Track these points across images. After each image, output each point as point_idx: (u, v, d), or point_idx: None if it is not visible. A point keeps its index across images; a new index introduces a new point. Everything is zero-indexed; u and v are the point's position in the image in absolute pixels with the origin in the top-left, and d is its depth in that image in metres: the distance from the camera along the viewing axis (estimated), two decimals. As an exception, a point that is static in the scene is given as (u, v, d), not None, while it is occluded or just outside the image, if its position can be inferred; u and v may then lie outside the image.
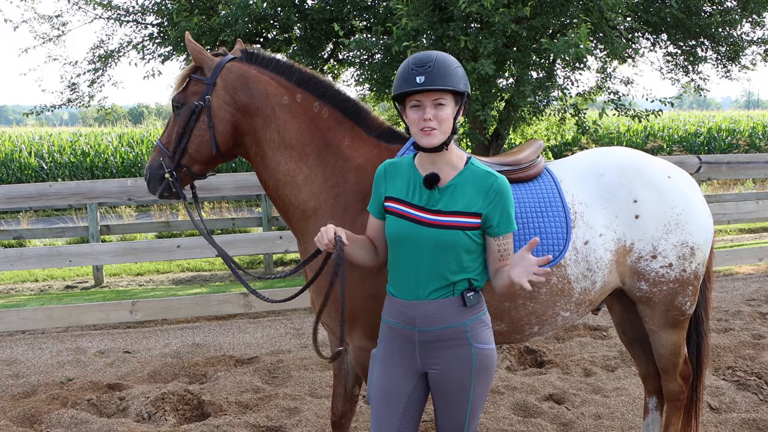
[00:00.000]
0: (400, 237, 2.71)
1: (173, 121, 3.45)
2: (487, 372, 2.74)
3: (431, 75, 2.58)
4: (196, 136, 3.38)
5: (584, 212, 3.45)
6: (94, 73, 12.44)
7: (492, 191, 2.66)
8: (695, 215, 3.59)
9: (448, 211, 2.66)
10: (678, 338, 3.74)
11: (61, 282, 11.75)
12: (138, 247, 7.21)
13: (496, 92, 10.03)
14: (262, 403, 5.18)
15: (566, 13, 9.81)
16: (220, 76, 3.37)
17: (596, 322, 6.90)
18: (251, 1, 10.20)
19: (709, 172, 8.74)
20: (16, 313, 7.22)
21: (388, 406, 2.77)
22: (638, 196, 3.50)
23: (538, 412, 4.91)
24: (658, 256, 3.50)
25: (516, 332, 3.48)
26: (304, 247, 3.45)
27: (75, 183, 6.86)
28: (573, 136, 21.16)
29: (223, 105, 3.36)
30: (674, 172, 3.68)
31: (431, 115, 2.60)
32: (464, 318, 2.70)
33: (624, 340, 4.15)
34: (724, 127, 28.95)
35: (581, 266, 3.39)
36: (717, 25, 10.82)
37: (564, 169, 3.64)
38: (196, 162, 3.44)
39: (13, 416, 5.01)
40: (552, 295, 3.39)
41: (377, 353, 2.87)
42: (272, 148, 3.39)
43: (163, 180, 3.43)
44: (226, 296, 6.95)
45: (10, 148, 24.55)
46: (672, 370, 3.81)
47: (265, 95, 3.37)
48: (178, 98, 3.41)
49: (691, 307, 3.68)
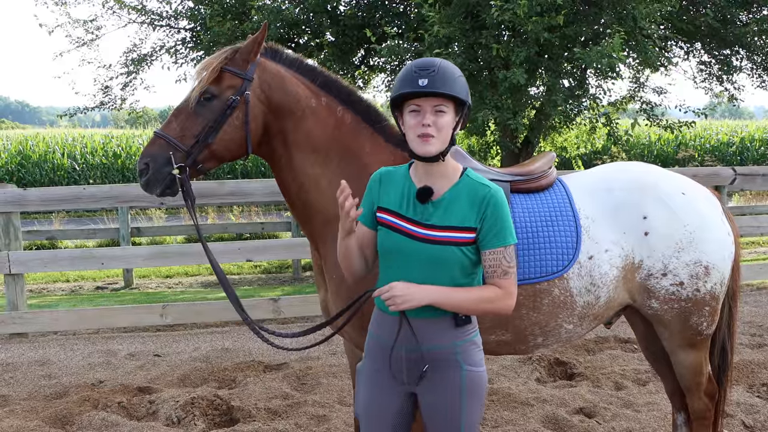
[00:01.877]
0: (391, 251, 2.59)
1: (193, 113, 3.21)
2: (478, 395, 2.62)
3: (434, 79, 2.46)
4: (226, 133, 3.20)
5: (590, 227, 3.40)
6: (126, 76, 12.59)
7: (484, 203, 2.53)
8: (711, 233, 3.49)
9: (442, 226, 2.54)
10: (697, 358, 3.64)
11: (91, 283, 11.89)
12: (169, 251, 7.30)
13: (527, 101, 9.99)
14: (291, 410, 5.18)
15: (599, 22, 9.75)
16: (256, 72, 3.25)
17: (627, 334, 6.82)
18: (284, 7, 10.28)
19: (744, 183, 8.63)
20: (48, 314, 7.34)
21: (375, 424, 2.69)
22: (648, 213, 3.43)
23: (568, 425, 4.85)
24: (668, 274, 3.43)
25: (520, 342, 3.45)
26: (323, 252, 3.40)
27: (108, 186, 6.96)
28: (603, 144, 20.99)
29: (257, 103, 3.25)
30: (690, 189, 3.59)
31: (431, 121, 2.47)
32: (455, 338, 2.58)
33: (648, 356, 4.07)
34: (758, 137, 28.59)
35: (584, 280, 3.35)
36: (753, 35, 10.69)
37: (574, 183, 3.59)
38: (214, 158, 3.27)
39: (45, 417, 5.06)
40: (554, 307, 3.35)
41: (363, 368, 2.76)
42: (300, 151, 3.32)
43: (168, 177, 3.18)
44: (255, 301, 6.99)
45: (44, 149, 24.93)
46: (695, 389, 3.72)
47: (297, 97, 3.31)
48: (212, 90, 3.20)
49: (709, 328, 3.58)
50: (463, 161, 3.32)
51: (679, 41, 11.75)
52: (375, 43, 9.66)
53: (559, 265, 3.31)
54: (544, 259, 3.30)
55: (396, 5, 11.15)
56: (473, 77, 9.62)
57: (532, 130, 10.95)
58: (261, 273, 12.60)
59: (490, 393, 5.39)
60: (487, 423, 4.94)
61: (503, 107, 9.26)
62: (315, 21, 10.81)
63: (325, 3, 10.38)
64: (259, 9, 10.26)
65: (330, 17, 10.77)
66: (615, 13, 9.43)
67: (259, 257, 7.97)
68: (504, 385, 5.56)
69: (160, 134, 3.21)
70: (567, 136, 14.31)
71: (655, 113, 11.80)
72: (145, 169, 3.20)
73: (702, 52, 12.11)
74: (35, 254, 7.62)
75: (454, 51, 9.17)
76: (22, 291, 7.19)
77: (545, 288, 3.33)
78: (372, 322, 2.76)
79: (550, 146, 14.25)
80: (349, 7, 11.18)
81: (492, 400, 5.29)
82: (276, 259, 11.11)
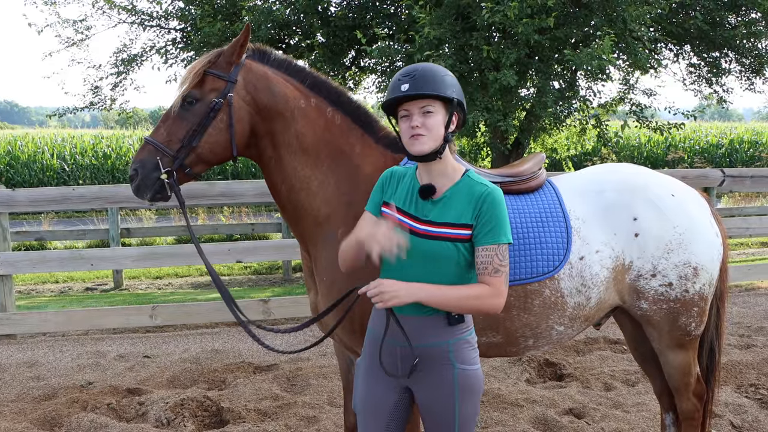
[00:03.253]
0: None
1: (178, 117, 3.21)
2: (473, 393, 2.66)
3: (415, 82, 2.55)
4: (210, 136, 3.19)
5: (580, 228, 3.42)
6: (116, 76, 12.54)
7: (480, 200, 2.58)
8: (700, 235, 3.52)
9: (439, 222, 2.60)
10: (686, 359, 3.67)
11: (81, 284, 11.84)
12: (159, 252, 7.27)
13: (517, 102, 10.01)
14: (281, 411, 5.17)
15: (589, 24, 9.79)
16: (240, 74, 3.24)
17: (616, 335, 6.85)
18: (274, 8, 10.27)
19: (733, 185, 8.68)
20: (37, 315, 7.30)
21: (374, 418, 2.75)
22: (638, 214, 3.46)
23: (558, 426, 4.87)
24: (657, 275, 3.45)
25: (511, 344, 3.46)
26: (314, 254, 3.40)
27: (98, 187, 6.93)
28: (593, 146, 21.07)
29: (243, 105, 3.23)
30: (679, 191, 3.62)
31: (419, 122, 2.56)
32: (448, 337, 2.62)
33: (637, 357, 4.10)
34: (747, 139, 28.73)
35: (575, 281, 3.37)
36: (741, 37, 10.75)
37: (563, 184, 3.61)
38: (201, 162, 3.26)
39: (34, 418, 5.04)
40: (545, 308, 3.37)
41: (361, 363, 2.82)
42: (290, 152, 3.31)
43: (157, 182, 3.18)
44: (246, 302, 6.97)
45: (33, 149, 24.79)
46: (683, 389, 3.75)
47: (285, 98, 3.30)
48: (194, 93, 3.19)
49: (697, 328, 3.61)
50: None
51: (668, 43, 11.81)
52: (366, 44, 9.67)
53: (549, 265, 3.32)
54: (534, 260, 3.31)
55: (386, 6, 11.15)
56: (464, 79, 9.64)
57: (523, 131, 10.98)
58: (251, 274, 12.57)
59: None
60: (477, 424, 4.94)
61: (493, 109, 9.29)
62: (306, 22, 10.81)
63: (315, 4, 10.38)
64: (249, 10, 10.24)
65: (320, 18, 10.77)
66: (605, 16, 9.47)
67: (250, 258, 7.95)
68: (494, 386, 5.57)
69: (149, 140, 3.22)
70: (557, 138, 14.36)
71: (645, 115, 11.87)
72: (134, 175, 3.21)
73: (691, 55, 12.17)
74: (24, 255, 7.59)
75: (445, 52, 9.17)
76: (10, 292, 7.16)
77: (536, 289, 3.34)
78: (371, 318, 2.82)
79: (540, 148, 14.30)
80: (340, 9, 11.17)
81: (482, 401, 5.30)
82: (266, 260, 11.08)
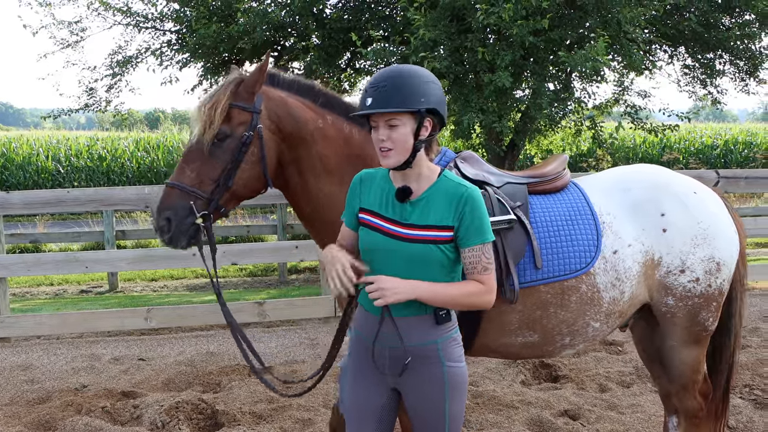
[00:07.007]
0: (372, 250, 2.65)
1: (207, 156, 3.07)
2: (460, 390, 2.68)
3: (380, 95, 2.52)
4: (244, 171, 3.10)
5: (612, 222, 3.49)
6: (112, 78, 12.51)
7: (461, 202, 2.58)
8: (721, 230, 3.61)
9: (421, 225, 2.59)
10: (699, 355, 3.73)
11: (75, 286, 11.82)
12: (154, 254, 7.25)
13: (512, 104, 10.02)
14: (276, 414, 5.17)
15: (584, 26, 9.80)
16: (263, 103, 3.15)
17: (612, 337, 6.85)
18: (270, 9, 10.26)
19: (727, 186, 8.69)
20: (32, 318, 7.29)
21: (361, 420, 2.75)
22: (665, 210, 3.54)
23: (553, 428, 4.87)
24: (686, 270, 3.52)
25: (548, 343, 3.48)
26: None
27: (93, 190, 6.92)
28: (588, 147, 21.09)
29: (270, 135, 3.15)
30: (700, 189, 3.72)
31: (385, 135, 2.54)
32: (435, 336, 2.63)
33: (644, 358, 4.11)
34: (741, 140, 28.74)
35: (610, 275, 3.42)
36: (735, 39, 10.78)
37: (587, 184, 3.69)
38: (234, 199, 3.17)
39: (28, 422, 5.03)
40: (582, 304, 3.40)
41: (347, 365, 2.81)
42: (314, 176, 3.26)
43: (191, 227, 3.05)
44: (241, 305, 6.97)
45: (27, 151, 24.67)
46: (692, 386, 3.79)
47: (305, 122, 3.23)
48: (224, 130, 3.06)
49: (713, 324, 3.67)
50: (479, 166, 3.43)
51: (663, 45, 11.81)
52: (361, 46, 9.66)
53: (582, 261, 3.37)
54: (567, 257, 3.36)
55: (382, 8, 11.15)
56: (459, 80, 9.64)
57: (518, 133, 10.97)
58: (246, 276, 12.56)
59: (475, 396, 5.41)
60: (472, 426, 4.95)
61: (488, 110, 9.28)
62: (301, 24, 10.80)
63: (311, 6, 10.36)
64: (244, 11, 10.24)
65: (316, 20, 10.76)
66: (599, 17, 9.47)
67: (245, 261, 7.95)
68: (489, 388, 5.58)
69: (175, 184, 3.07)
70: (552, 139, 14.37)
71: (640, 116, 11.92)
72: (166, 225, 3.06)
73: (686, 56, 12.18)
74: (19, 258, 7.58)
75: (440, 54, 9.17)
76: (5, 295, 7.14)
77: (573, 285, 3.39)
78: (355, 320, 2.82)
79: (535, 149, 14.32)
80: (335, 10, 11.17)
81: (477, 402, 5.30)
82: (261, 262, 11.08)
